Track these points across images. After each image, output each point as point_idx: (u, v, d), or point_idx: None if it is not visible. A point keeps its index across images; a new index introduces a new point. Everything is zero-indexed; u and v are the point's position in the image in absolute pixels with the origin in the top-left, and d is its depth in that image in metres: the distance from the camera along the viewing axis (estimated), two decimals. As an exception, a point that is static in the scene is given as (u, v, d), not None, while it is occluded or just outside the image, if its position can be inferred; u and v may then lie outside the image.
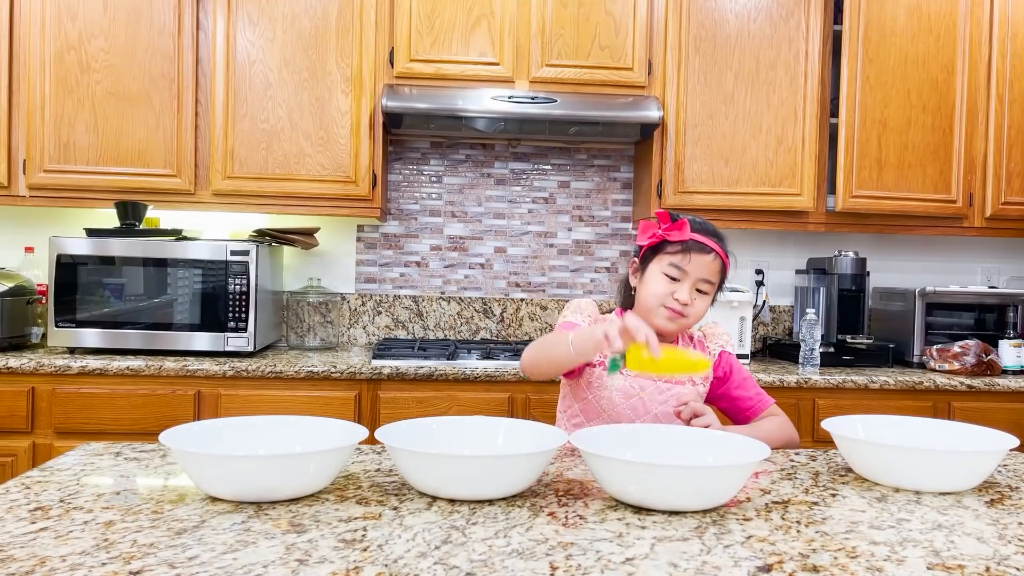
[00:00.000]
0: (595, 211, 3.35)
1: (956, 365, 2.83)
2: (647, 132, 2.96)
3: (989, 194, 3.07)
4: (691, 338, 1.77)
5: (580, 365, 1.65)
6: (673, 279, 1.62)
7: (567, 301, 3.30)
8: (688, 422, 1.57)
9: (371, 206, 2.92)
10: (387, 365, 2.60)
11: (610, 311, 1.83)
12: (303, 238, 3.02)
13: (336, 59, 2.88)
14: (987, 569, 0.96)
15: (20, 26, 2.81)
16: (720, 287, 1.69)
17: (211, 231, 3.17)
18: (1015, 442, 1.34)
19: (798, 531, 1.08)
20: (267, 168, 2.87)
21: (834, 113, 3.07)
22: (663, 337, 1.65)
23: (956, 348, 2.86)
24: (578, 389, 1.70)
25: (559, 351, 1.53)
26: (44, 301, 2.88)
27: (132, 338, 2.68)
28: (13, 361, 2.54)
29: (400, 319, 3.27)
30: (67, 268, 2.67)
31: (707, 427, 1.52)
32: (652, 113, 2.85)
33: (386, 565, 0.91)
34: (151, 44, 2.83)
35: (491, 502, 1.17)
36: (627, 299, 1.76)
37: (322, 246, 3.22)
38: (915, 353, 3.00)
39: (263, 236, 2.93)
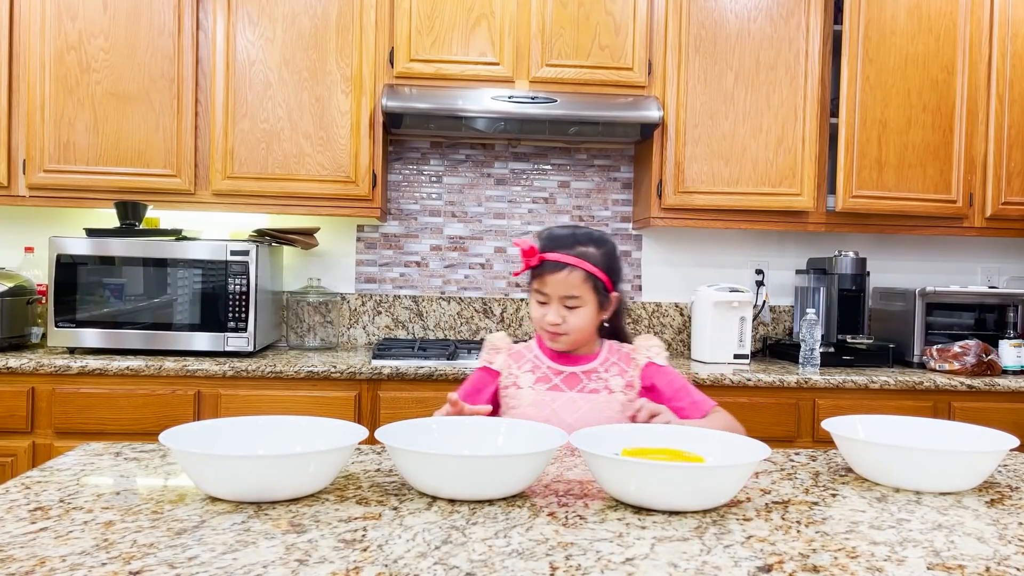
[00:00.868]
0: (595, 211, 3.35)
1: (956, 365, 2.83)
2: (647, 132, 2.96)
3: (989, 194, 3.07)
4: (619, 350, 1.76)
5: (493, 393, 1.73)
6: (542, 303, 1.66)
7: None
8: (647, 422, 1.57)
9: (371, 206, 2.92)
10: (387, 365, 2.60)
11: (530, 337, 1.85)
12: (303, 238, 3.02)
13: (336, 59, 2.88)
14: (987, 569, 0.95)
15: (20, 26, 2.81)
16: (606, 288, 1.67)
17: (211, 231, 3.17)
18: (1015, 442, 1.34)
19: (798, 531, 1.08)
20: (267, 168, 2.87)
21: (834, 113, 3.07)
22: (573, 352, 1.71)
23: (956, 348, 2.86)
24: (500, 415, 1.75)
25: None
26: (44, 301, 2.88)
27: (132, 338, 2.68)
28: (13, 361, 2.54)
29: (400, 319, 3.27)
30: (67, 268, 2.67)
31: (667, 423, 1.53)
32: (652, 113, 2.85)
33: (386, 565, 0.91)
34: (151, 44, 2.83)
35: (491, 502, 1.17)
36: None
37: (322, 246, 3.22)
38: (915, 353, 3.00)
39: (263, 236, 2.93)
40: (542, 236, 1.70)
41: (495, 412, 1.75)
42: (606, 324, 1.74)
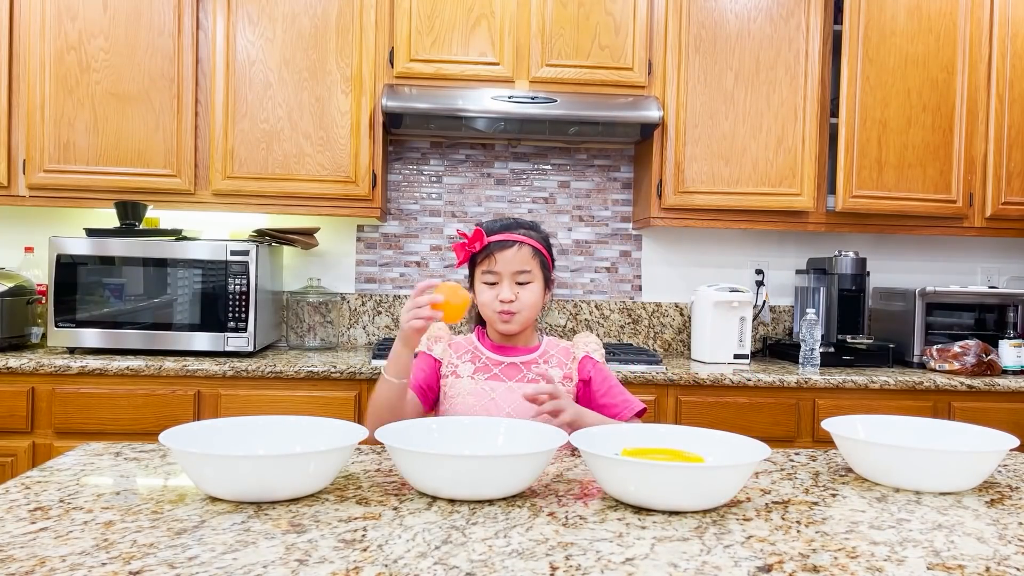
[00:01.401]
0: (595, 211, 3.35)
1: (956, 365, 2.83)
2: (647, 132, 2.96)
3: (989, 194, 3.07)
4: (557, 345, 1.79)
5: (433, 397, 1.73)
6: (492, 284, 1.70)
7: (568, 301, 3.30)
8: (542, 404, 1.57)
9: (371, 206, 2.92)
10: (387, 365, 2.60)
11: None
12: (303, 238, 3.02)
13: (336, 59, 2.88)
14: (987, 569, 0.95)
15: (20, 26, 2.81)
16: (549, 268, 1.74)
17: (211, 231, 3.17)
18: (1015, 442, 1.34)
19: (798, 531, 1.08)
20: (267, 168, 2.87)
21: (834, 113, 3.07)
22: (511, 339, 1.73)
23: (956, 348, 2.86)
24: (439, 403, 1.76)
25: (385, 391, 1.61)
26: (44, 301, 2.88)
27: (132, 338, 2.68)
28: (13, 361, 2.54)
29: (400, 319, 3.26)
30: (67, 268, 2.67)
31: (559, 408, 1.53)
32: (652, 113, 2.85)
33: (386, 565, 0.91)
34: (151, 44, 2.83)
35: (491, 502, 1.17)
36: (479, 318, 1.81)
37: (322, 246, 3.22)
38: (915, 353, 3.00)
39: (263, 236, 2.93)
40: (484, 224, 1.75)
41: (435, 399, 1.75)
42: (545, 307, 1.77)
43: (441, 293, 1.57)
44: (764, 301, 3.31)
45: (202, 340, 2.69)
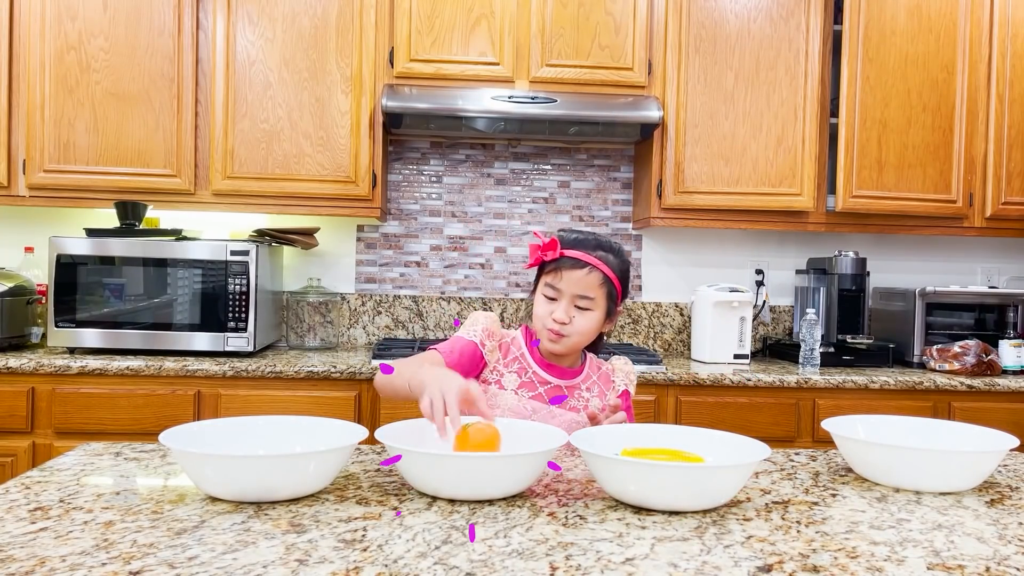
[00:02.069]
0: (595, 211, 3.35)
1: (956, 365, 2.83)
2: (647, 132, 2.96)
3: (989, 194, 3.07)
4: (599, 368, 1.73)
5: (475, 375, 1.65)
6: (551, 299, 1.60)
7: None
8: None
9: (371, 206, 2.92)
10: (387, 365, 2.60)
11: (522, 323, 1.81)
12: (303, 238, 3.02)
13: (336, 59, 2.88)
14: (987, 569, 0.95)
15: (20, 26, 2.81)
16: (617, 299, 1.63)
17: (211, 231, 3.17)
18: (1015, 442, 1.34)
19: (798, 531, 1.08)
20: (267, 168, 2.87)
21: (834, 113, 3.07)
22: (557, 358, 1.65)
23: (956, 348, 2.86)
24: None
25: (399, 385, 1.51)
26: (44, 301, 2.88)
27: (132, 338, 2.68)
28: (13, 361, 2.54)
29: (400, 319, 3.27)
30: (67, 268, 2.67)
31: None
32: (652, 113, 2.85)
33: (386, 565, 0.91)
34: (151, 44, 2.83)
35: (491, 502, 1.17)
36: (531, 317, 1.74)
37: (322, 246, 3.23)
38: (915, 353, 3.00)
39: (263, 236, 2.93)
40: (564, 234, 1.65)
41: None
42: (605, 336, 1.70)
43: (470, 433, 1.30)
44: (764, 301, 3.31)
45: (202, 340, 2.69)
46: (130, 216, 2.76)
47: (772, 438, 2.62)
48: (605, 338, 1.72)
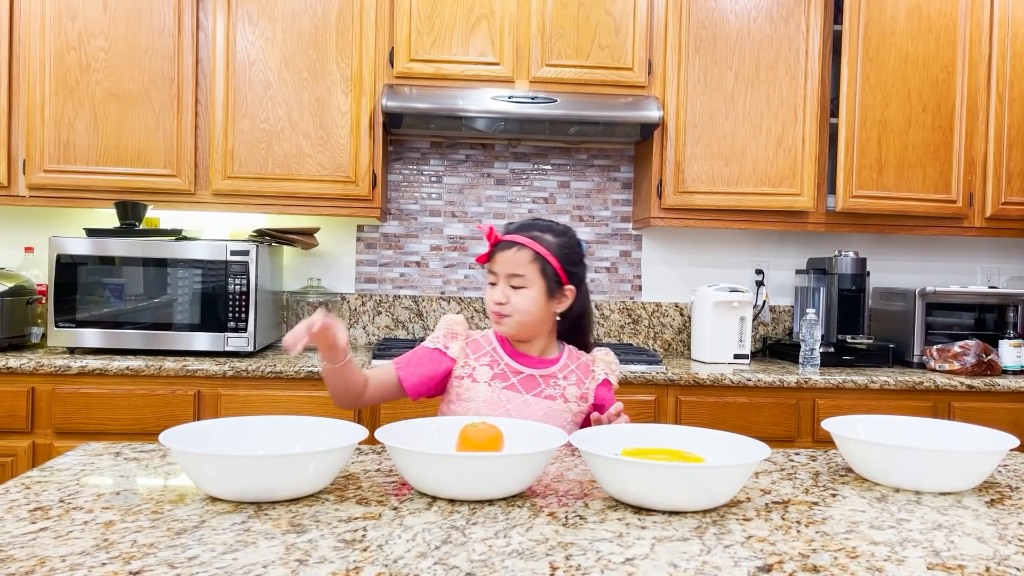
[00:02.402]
0: (595, 211, 3.35)
1: (956, 365, 2.83)
2: (647, 132, 2.96)
3: (989, 194, 3.07)
4: (578, 358, 1.75)
5: (429, 393, 1.69)
6: (492, 284, 1.67)
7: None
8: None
9: (371, 206, 2.92)
10: (387, 365, 2.60)
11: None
12: (303, 238, 3.02)
13: (336, 59, 2.88)
14: (987, 569, 0.95)
15: (20, 26, 2.81)
16: (559, 276, 1.65)
17: (211, 231, 3.17)
18: (1015, 442, 1.34)
19: (798, 531, 1.08)
20: (267, 168, 2.87)
21: (834, 113, 3.07)
22: (531, 352, 1.69)
23: (956, 348, 2.86)
24: (446, 402, 1.71)
25: (328, 381, 1.62)
26: (44, 301, 2.88)
27: (132, 338, 2.68)
28: (13, 361, 2.54)
29: (400, 319, 3.27)
30: (67, 268, 2.67)
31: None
32: (652, 113, 2.85)
33: (386, 565, 0.91)
34: (151, 44, 2.83)
35: (491, 502, 1.17)
36: None
37: (322, 246, 3.22)
38: (915, 353, 3.00)
39: (263, 236, 2.93)
40: (509, 224, 1.72)
41: (435, 396, 1.72)
42: (559, 318, 1.70)
43: (471, 433, 1.33)
44: (764, 301, 3.31)
45: (202, 340, 2.69)
46: (130, 216, 2.76)
47: (772, 438, 2.62)
48: (558, 318, 1.70)
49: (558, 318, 1.70)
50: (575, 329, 1.76)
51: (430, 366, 1.68)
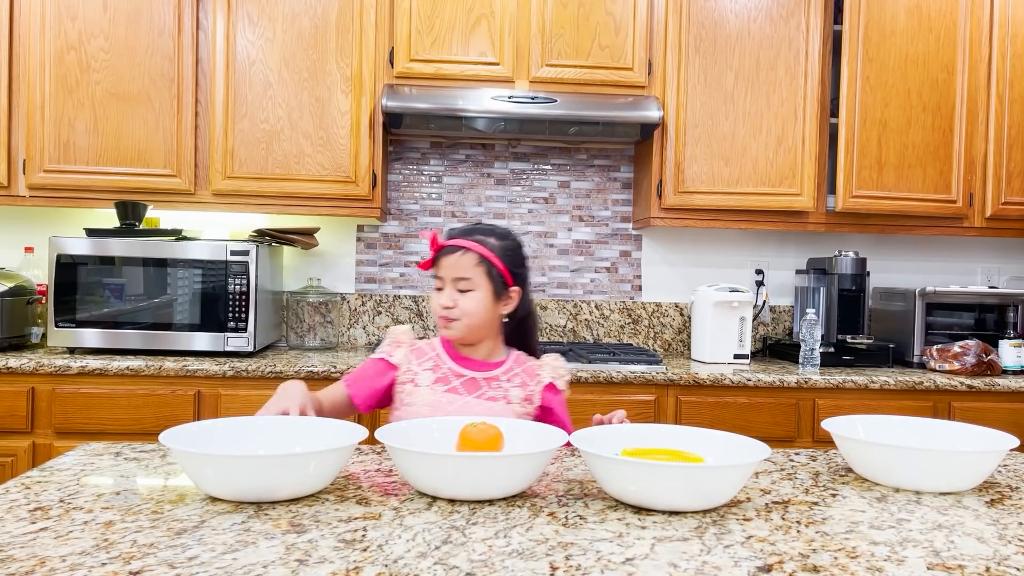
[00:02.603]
0: (595, 211, 3.35)
1: (956, 365, 2.83)
2: (647, 132, 2.96)
3: (989, 194, 3.07)
4: (524, 363, 1.74)
5: (375, 403, 1.70)
6: (439, 290, 1.68)
7: (568, 301, 3.30)
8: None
9: (371, 206, 2.92)
10: (387, 365, 2.60)
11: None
12: (303, 238, 3.02)
13: (336, 59, 2.88)
14: (987, 569, 0.95)
15: (20, 26, 2.81)
16: (504, 278, 1.66)
17: (211, 231, 3.17)
18: (1015, 442, 1.34)
19: (798, 531, 1.08)
20: (267, 168, 2.87)
21: (834, 113, 3.07)
22: (475, 355, 1.69)
23: (956, 348, 2.86)
24: (392, 409, 1.73)
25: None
26: (44, 301, 2.88)
27: (132, 338, 2.68)
28: (13, 361, 2.54)
29: (400, 319, 3.27)
30: (67, 268, 2.67)
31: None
32: (652, 113, 2.85)
33: (386, 565, 0.91)
34: (151, 44, 2.83)
35: (491, 502, 1.17)
36: None
37: (322, 246, 3.22)
38: (915, 353, 3.00)
39: (263, 236, 2.93)
40: (450, 229, 1.73)
41: (386, 407, 1.73)
42: (506, 320, 1.71)
43: (471, 433, 1.33)
44: (764, 301, 3.31)
45: (202, 340, 2.69)
46: (130, 216, 2.76)
47: (772, 438, 2.62)
48: (505, 320, 1.71)
49: (505, 319, 1.71)
50: (521, 332, 1.77)
51: (376, 378, 1.70)
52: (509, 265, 1.67)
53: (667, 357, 3.15)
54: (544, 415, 1.70)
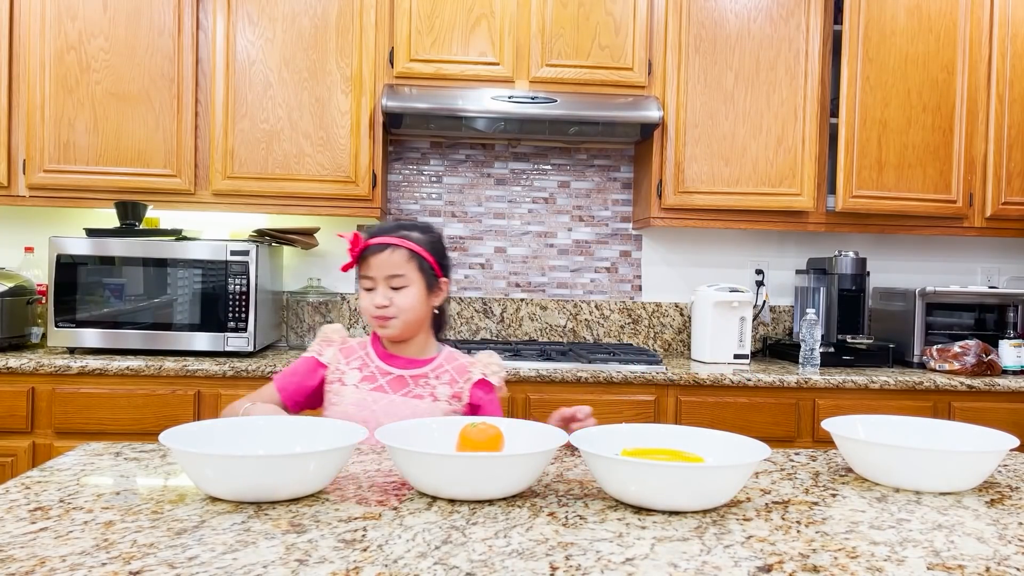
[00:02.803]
0: (595, 211, 3.35)
1: (956, 365, 2.83)
2: (647, 132, 2.96)
3: (989, 194, 3.07)
4: (455, 359, 1.74)
5: (303, 402, 1.71)
6: (369, 290, 1.66)
7: (568, 301, 3.30)
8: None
9: (371, 206, 2.92)
10: (387, 365, 2.60)
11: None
12: (303, 238, 3.02)
13: (336, 59, 2.88)
14: (987, 569, 0.95)
15: (20, 26, 2.81)
16: (434, 270, 1.67)
17: (211, 231, 3.17)
18: (1015, 442, 1.34)
19: (798, 531, 1.08)
20: (267, 168, 2.87)
21: (834, 113, 3.07)
22: (405, 353, 1.69)
23: (956, 348, 2.86)
24: (323, 408, 1.73)
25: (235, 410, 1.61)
26: (44, 301, 2.88)
27: (132, 338, 2.68)
28: (13, 361, 2.54)
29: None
30: (67, 268, 2.67)
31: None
32: (652, 113, 2.85)
33: (386, 565, 0.91)
34: (151, 44, 2.83)
35: (491, 502, 1.17)
36: None
37: (322, 246, 3.22)
38: (915, 353, 3.00)
39: (263, 236, 2.93)
40: (367, 228, 1.72)
41: (317, 407, 1.73)
42: (436, 311, 1.72)
43: (471, 433, 1.32)
44: (764, 301, 3.31)
45: (202, 340, 2.69)
46: (130, 216, 2.76)
47: (772, 438, 2.62)
48: (448, 316, 1.74)
49: (436, 311, 1.72)
50: (435, 319, 1.76)
51: (306, 376, 1.71)
52: (437, 257, 1.69)
53: (667, 357, 3.15)
54: (473, 413, 1.68)
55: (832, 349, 3.02)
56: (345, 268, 1.69)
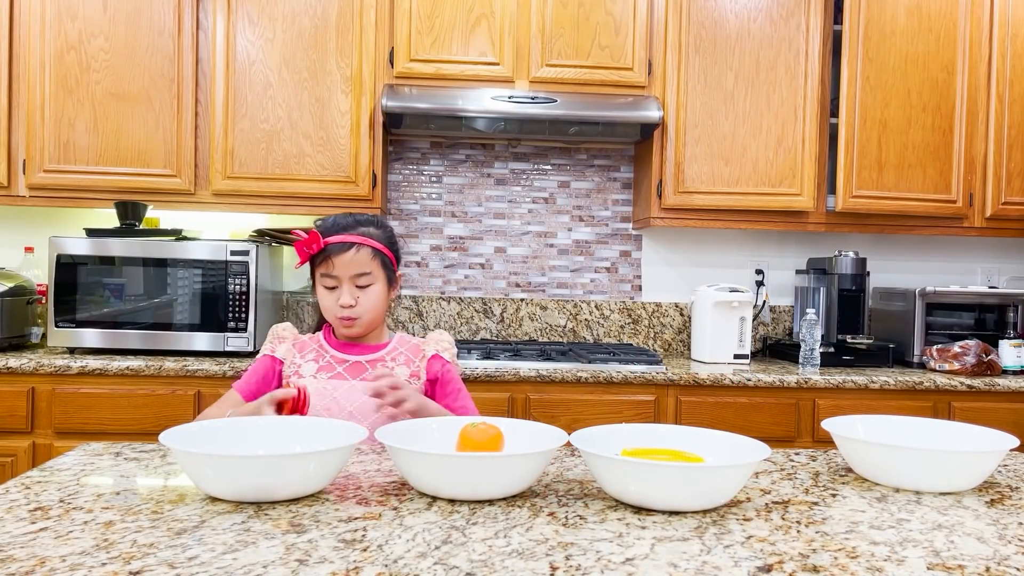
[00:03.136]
0: (595, 211, 3.35)
1: (956, 365, 2.83)
2: (647, 132, 2.96)
3: (989, 194, 3.07)
4: (408, 342, 1.75)
5: (277, 385, 1.70)
6: (331, 288, 1.65)
7: (568, 301, 3.30)
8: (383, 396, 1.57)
9: (371, 206, 2.92)
10: (387, 365, 2.60)
11: (319, 328, 1.79)
12: (303, 238, 3.01)
13: (336, 59, 2.88)
14: (987, 569, 0.95)
15: (20, 26, 2.81)
16: (393, 266, 1.69)
17: (211, 231, 3.17)
18: (1015, 442, 1.34)
19: (798, 531, 1.08)
20: (267, 168, 2.87)
21: (834, 113, 3.07)
22: (360, 341, 1.70)
23: (956, 348, 2.86)
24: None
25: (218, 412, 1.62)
26: (44, 301, 2.88)
27: (132, 338, 2.68)
28: (13, 361, 2.54)
29: (400, 319, 3.27)
30: (67, 268, 2.67)
31: (402, 399, 1.55)
32: (652, 113, 2.85)
33: (386, 565, 0.91)
34: (151, 44, 2.83)
35: (491, 502, 1.17)
36: (323, 318, 1.76)
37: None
38: (915, 353, 3.00)
39: (263, 236, 2.93)
40: (321, 224, 1.69)
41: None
42: (393, 302, 1.74)
43: (471, 433, 1.31)
44: (764, 301, 3.31)
45: (202, 340, 2.69)
46: (130, 216, 2.77)
47: (772, 438, 2.62)
48: (392, 307, 1.74)
49: (392, 302, 1.74)
50: None
51: (264, 376, 1.71)
52: (393, 251, 1.71)
53: (667, 357, 3.15)
54: (434, 387, 1.70)
55: (832, 349, 3.02)
56: (300, 265, 1.68)
